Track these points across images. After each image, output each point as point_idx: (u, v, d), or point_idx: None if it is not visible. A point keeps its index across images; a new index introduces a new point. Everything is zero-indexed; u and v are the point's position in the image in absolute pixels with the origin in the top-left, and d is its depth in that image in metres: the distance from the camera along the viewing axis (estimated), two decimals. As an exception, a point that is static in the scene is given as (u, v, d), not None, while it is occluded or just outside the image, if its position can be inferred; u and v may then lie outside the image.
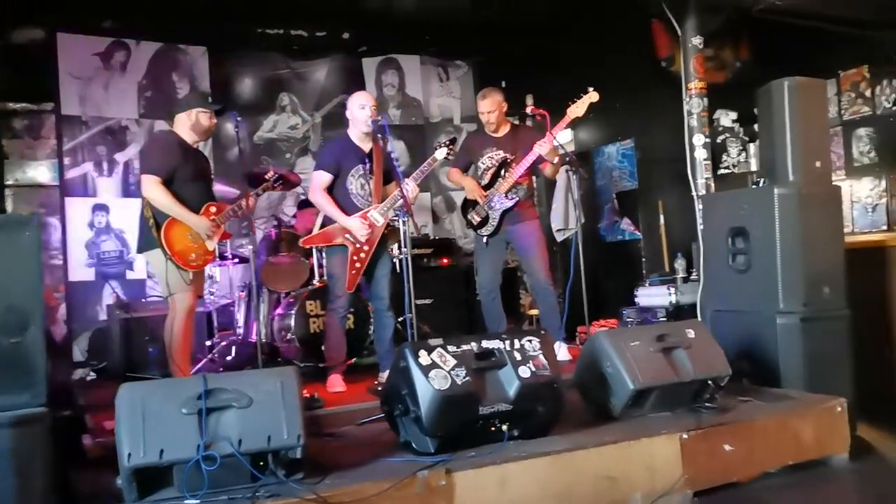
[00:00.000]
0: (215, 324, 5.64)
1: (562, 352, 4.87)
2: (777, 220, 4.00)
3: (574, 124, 5.16)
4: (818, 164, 4.12)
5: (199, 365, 5.15)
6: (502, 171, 5.02)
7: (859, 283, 4.35)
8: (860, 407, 4.05)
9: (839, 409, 3.62)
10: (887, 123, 5.80)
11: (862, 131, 6.02)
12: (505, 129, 5.15)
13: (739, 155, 6.07)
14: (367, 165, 4.56)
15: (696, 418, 3.48)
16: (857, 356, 4.13)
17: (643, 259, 6.62)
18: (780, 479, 3.43)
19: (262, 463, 2.76)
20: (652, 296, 5.70)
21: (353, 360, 5.31)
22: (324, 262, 5.47)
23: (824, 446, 3.59)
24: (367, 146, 4.59)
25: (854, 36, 5.24)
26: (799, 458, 3.51)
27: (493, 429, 3.16)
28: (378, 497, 2.70)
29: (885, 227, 5.83)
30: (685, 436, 3.26)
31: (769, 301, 4.04)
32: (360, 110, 4.51)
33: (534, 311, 6.56)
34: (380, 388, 4.02)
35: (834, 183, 4.51)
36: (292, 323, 5.29)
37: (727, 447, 3.35)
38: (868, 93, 5.95)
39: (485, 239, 5.12)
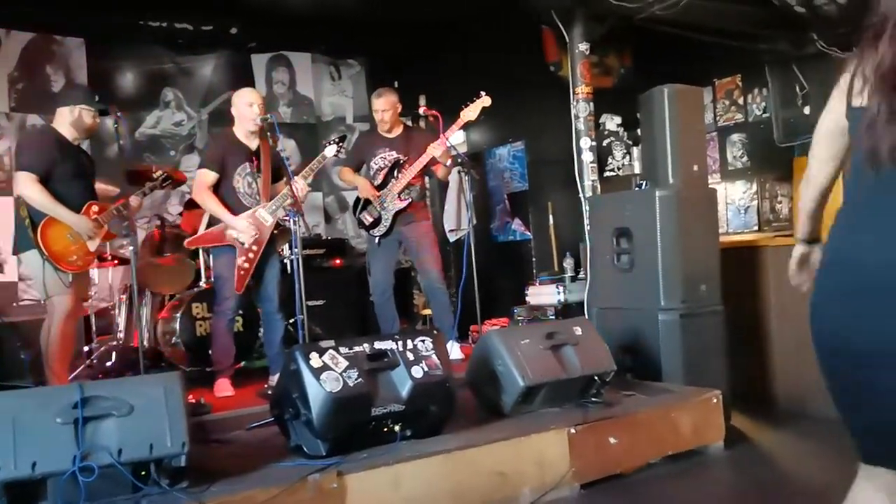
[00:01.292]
0: (93, 328, 5.36)
1: (454, 351, 4.91)
2: (658, 221, 4.17)
3: (466, 126, 5.21)
4: (696, 167, 4.32)
5: (76, 372, 4.89)
6: (395, 172, 5.02)
7: (733, 280, 4.60)
8: (734, 397, 4.29)
9: (715, 400, 3.81)
10: (758, 130, 6.16)
11: (735, 137, 6.37)
12: (398, 130, 5.15)
13: (624, 158, 6.28)
14: (255, 163, 4.46)
15: (583, 413, 3.58)
16: (731, 349, 4.36)
17: (533, 259, 6.76)
18: (660, 468, 3.58)
19: (143, 472, 2.65)
20: (542, 294, 5.83)
21: (242, 363, 5.19)
22: (211, 263, 5.31)
23: (701, 436, 3.77)
24: (253, 144, 4.48)
25: (728, 46, 5.53)
26: (678, 449, 3.67)
27: (385, 430, 3.15)
28: (268, 503, 2.65)
29: (756, 228, 6.20)
30: (573, 430, 3.35)
31: (651, 298, 4.20)
32: (247, 108, 4.40)
33: (427, 311, 6.59)
34: (270, 392, 3.94)
35: (710, 185, 4.75)
36: (177, 326, 5.11)
37: (612, 440, 3.46)
38: (741, 101, 6.30)
39: (377, 239, 5.10)
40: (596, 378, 3.76)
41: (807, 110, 5.72)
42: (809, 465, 3.65)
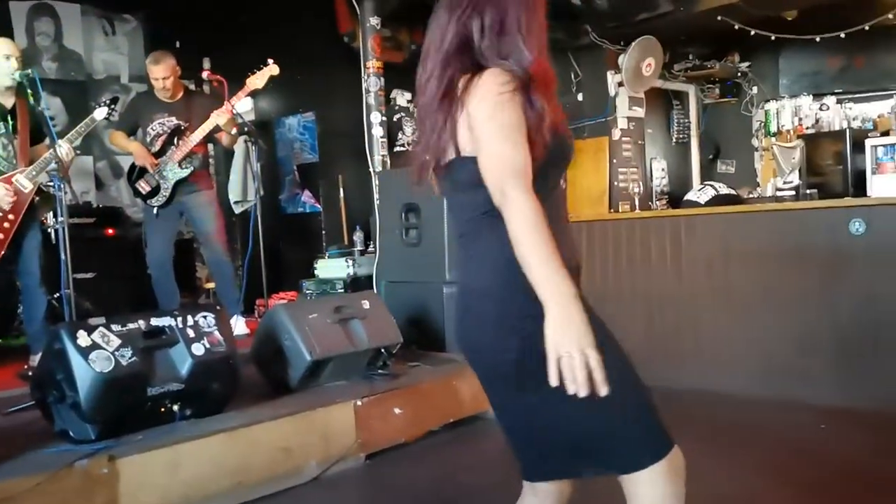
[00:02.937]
0: None
1: (239, 326, 4.76)
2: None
3: (254, 94, 5.03)
4: (480, 146, 4.49)
5: None
6: (175, 139, 4.74)
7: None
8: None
9: (494, 368, 4.02)
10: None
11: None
12: (179, 95, 4.86)
13: (414, 134, 6.40)
14: (10, 124, 4.01)
15: (369, 385, 3.63)
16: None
17: (323, 232, 6.71)
18: (443, 435, 3.73)
19: None
20: (331, 268, 5.81)
21: (-1, 342, 4.70)
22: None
23: (479, 403, 3.95)
24: (9, 101, 4.03)
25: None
26: (459, 415, 3.84)
27: (163, 410, 3.00)
28: (30, 493, 2.43)
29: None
30: (359, 403, 3.39)
31: (437, 272, 4.34)
32: (1, 60, 3.94)
33: (211, 285, 6.33)
34: (30, 373, 3.60)
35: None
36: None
37: (397, 410, 3.55)
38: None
39: (155, 209, 4.80)
40: (383, 350, 3.83)
41: (580, 97, 6.13)
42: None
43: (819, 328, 3.95)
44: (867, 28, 5.71)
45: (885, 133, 4.88)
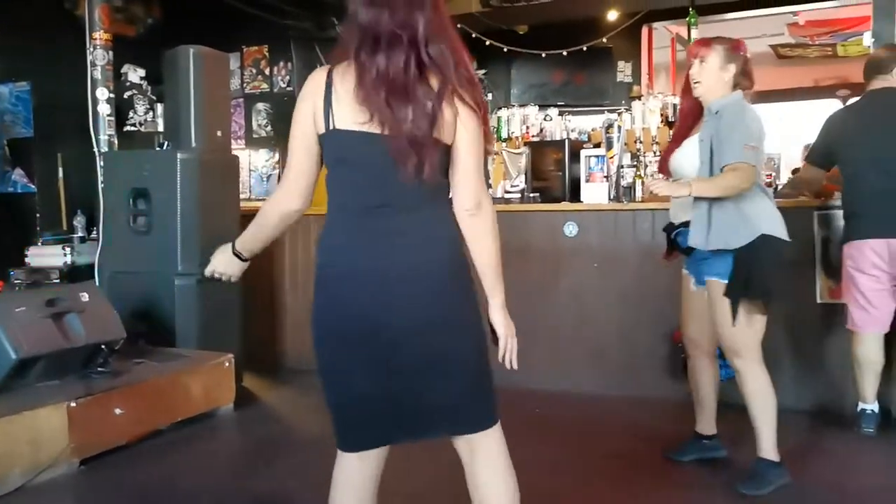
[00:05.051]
0: None
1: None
2: (178, 183, 4.09)
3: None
4: (219, 132, 4.33)
5: None
6: None
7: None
8: (247, 359, 4.45)
9: (227, 364, 3.91)
10: (282, 101, 6.42)
11: (261, 105, 6.55)
12: None
13: (147, 114, 6.00)
14: None
15: (86, 385, 3.35)
16: (247, 313, 4.51)
17: (38, 215, 6.04)
18: (170, 435, 3.55)
19: None
20: (45, 256, 5.25)
21: None
22: None
23: (212, 399, 3.84)
24: None
25: (257, 16, 5.62)
26: (189, 414, 3.68)
27: None
28: None
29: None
30: (73, 404, 3.12)
31: (168, 263, 4.11)
32: None
33: None
34: None
35: (234, 152, 4.80)
36: None
37: (118, 411, 3.31)
38: (267, 71, 6.49)
39: None
40: (103, 347, 3.55)
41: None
42: (309, 418, 3.97)
43: (536, 321, 4.31)
44: (585, 49, 6.33)
45: (597, 145, 5.44)
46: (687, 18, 6.18)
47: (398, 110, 1.60)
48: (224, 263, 2.03)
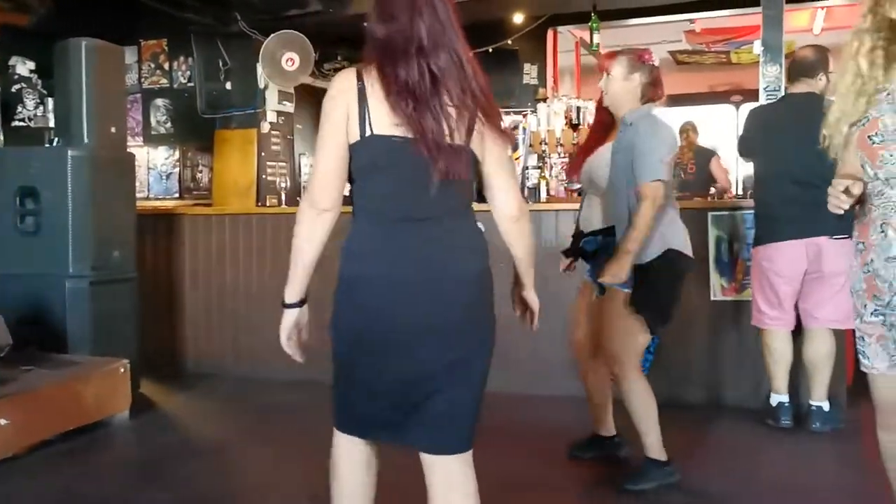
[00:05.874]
0: None
1: None
2: (69, 182, 3.91)
3: None
4: (114, 129, 4.16)
5: None
6: None
7: (149, 246, 4.57)
8: (144, 365, 4.29)
9: (122, 370, 3.76)
10: (182, 98, 6.22)
11: (160, 101, 6.32)
12: None
13: (37, 108, 5.70)
14: None
15: (-33, 395, 3.16)
16: (145, 316, 4.35)
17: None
18: (61, 446, 3.39)
19: None
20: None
21: None
22: None
23: (106, 407, 3.69)
24: None
25: (157, 9, 5.43)
26: (82, 422, 3.53)
27: None
28: None
29: (177, 195, 6.27)
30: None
31: (59, 265, 3.93)
32: None
33: None
34: None
35: (130, 149, 4.63)
36: None
37: (3, 421, 3.14)
38: (167, 66, 6.27)
39: None
40: (-13, 354, 3.35)
41: (228, 85, 5.99)
42: (209, 425, 3.86)
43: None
44: (490, 50, 6.39)
45: (505, 146, 5.49)
46: (589, 23, 6.32)
47: (424, 119, 1.63)
48: (288, 331, 1.82)
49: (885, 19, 1.84)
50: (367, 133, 1.64)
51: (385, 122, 1.64)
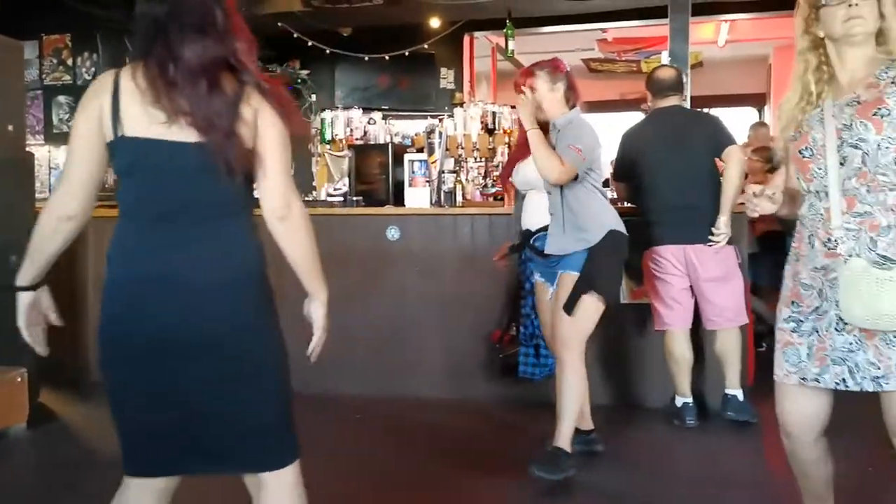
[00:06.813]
0: None
1: None
2: (-39, 182, 3.70)
3: None
4: (11, 127, 3.96)
5: None
6: None
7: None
8: (44, 372, 4.09)
9: (20, 379, 3.59)
10: (87, 94, 5.97)
11: (62, 98, 6.07)
12: None
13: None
14: None
15: None
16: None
17: None
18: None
19: None
20: None
21: None
22: None
23: (3, 418, 3.50)
24: None
25: (59, 2, 5.21)
26: (-26, 436, 3.34)
27: None
28: None
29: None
30: None
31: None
32: None
33: None
34: None
35: (30, 148, 4.42)
36: None
37: None
38: (70, 61, 6.03)
39: None
40: None
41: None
42: (113, 436, 3.66)
43: (358, 324, 4.28)
44: (407, 54, 6.40)
45: (420, 150, 5.51)
46: (504, 30, 6.41)
47: (196, 109, 1.51)
48: (25, 315, 1.78)
49: (817, 38, 1.92)
50: (119, 135, 1.56)
51: (141, 121, 1.54)
